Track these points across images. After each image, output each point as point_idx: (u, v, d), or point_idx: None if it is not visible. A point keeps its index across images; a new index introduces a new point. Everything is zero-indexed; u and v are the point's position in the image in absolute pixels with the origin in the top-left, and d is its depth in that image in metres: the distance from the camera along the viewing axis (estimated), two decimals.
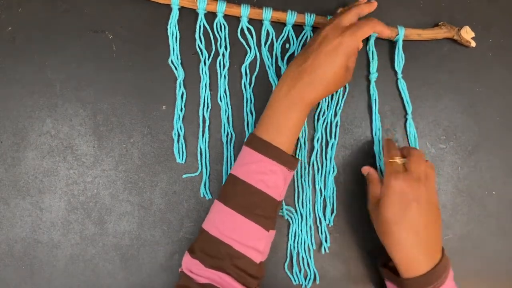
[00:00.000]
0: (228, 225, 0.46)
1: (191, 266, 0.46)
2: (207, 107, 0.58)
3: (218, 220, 0.47)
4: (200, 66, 0.58)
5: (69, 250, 0.56)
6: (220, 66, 0.58)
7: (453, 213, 0.60)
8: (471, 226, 0.60)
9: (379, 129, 0.59)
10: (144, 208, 0.57)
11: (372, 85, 0.59)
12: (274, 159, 0.47)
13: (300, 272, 0.58)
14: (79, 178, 0.57)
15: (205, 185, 0.57)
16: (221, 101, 0.58)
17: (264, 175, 0.47)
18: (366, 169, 0.55)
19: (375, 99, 0.59)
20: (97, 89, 0.58)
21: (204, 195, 0.57)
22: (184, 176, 0.58)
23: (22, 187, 0.56)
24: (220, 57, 0.58)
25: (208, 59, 0.58)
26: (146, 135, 0.58)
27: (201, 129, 0.58)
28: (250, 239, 0.46)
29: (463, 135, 0.61)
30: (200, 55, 0.58)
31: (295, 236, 0.58)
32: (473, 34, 0.59)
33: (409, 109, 0.59)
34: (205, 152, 0.58)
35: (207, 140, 0.58)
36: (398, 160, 0.50)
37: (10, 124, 0.57)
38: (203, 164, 0.57)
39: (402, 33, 0.58)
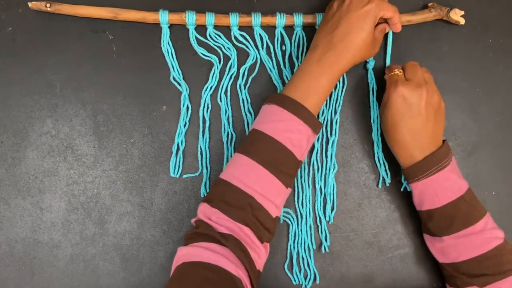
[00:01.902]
0: (252, 178, 0.47)
1: (211, 214, 0.46)
2: (207, 108, 0.58)
3: (241, 172, 0.48)
4: (213, 70, 0.58)
5: (69, 250, 0.56)
6: (229, 68, 0.58)
7: None
8: None
9: (377, 117, 0.59)
10: (145, 208, 0.57)
11: (370, 72, 0.59)
12: (302, 119, 0.49)
13: (300, 272, 0.58)
14: (80, 178, 0.57)
15: (205, 185, 0.57)
16: (221, 101, 0.58)
17: (291, 133, 0.48)
18: (392, 67, 0.56)
19: (373, 87, 0.59)
20: (97, 89, 0.58)
21: (204, 195, 0.57)
22: (184, 176, 0.58)
23: (22, 187, 0.57)
24: (232, 60, 0.58)
25: (219, 62, 0.58)
26: (146, 135, 0.58)
27: (201, 129, 0.58)
28: (272, 193, 0.48)
29: (463, 135, 0.61)
30: (212, 60, 0.58)
31: (295, 237, 0.58)
32: (462, 12, 0.59)
33: None
34: (205, 152, 0.58)
35: (207, 140, 0.58)
36: (397, 71, 0.54)
37: (11, 124, 0.57)
38: (203, 164, 0.57)
39: None
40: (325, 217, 0.58)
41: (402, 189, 0.59)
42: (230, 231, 0.45)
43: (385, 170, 0.59)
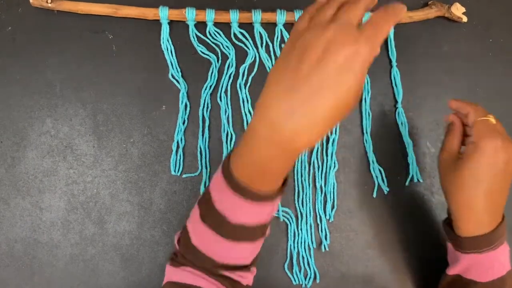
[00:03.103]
0: (221, 252, 0.41)
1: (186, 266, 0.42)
2: (207, 107, 0.58)
3: (215, 248, 0.41)
4: (211, 69, 0.58)
5: (69, 250, 0.56)
6: (227, 67, 0.58)
7: None
8: None
9: (369, 126, 0.59)
10: (144, 208, 0.57)
11: (367, 79, 0.60)
12: (270, 203, 0.38)
13: (300, 271, 0.58)
14: (79, 178, 0.57)
15: (205, 184, 0.57)
16: (221, 101, 0.58)
17: (261, 215, 0.39)
18: (451, 117, 0.50)
19: (368, 90, 0.59)
20: (97, 89, 0.58)
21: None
22: (184, 176, 0.58)
23: (22, 187, 0.57)
24: (230, 59, 0.58)
25: (218, 61, 0.58)
26: (146, 135, 0.58)
27: (201, 129, 0.58)
28: (247, 257, 0.43)
29: None
30: (210, 58, 0.58)
31: (294, 236, 0.58)
32: (463, 9, 0.59)
33: (399, 99, 0.59)
34: (205, 152, 0.58)
35: (206, 139, 0.58)
36: (492, 119, 0.46)
37: (10, 124, 0.57)
38: (203, 163, 0.57)
39: None
40: (325, 215, 0.58)
41: (407, 183, 0.59)
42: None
43: (382, 178, 0.59)
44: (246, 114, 0.58)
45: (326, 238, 0.58)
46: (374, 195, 0.59)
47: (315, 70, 0.31)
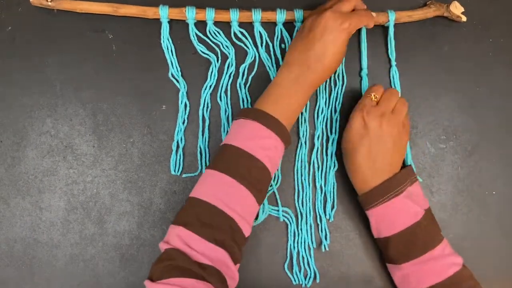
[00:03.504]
0: (234, 199, 0.46)
1: (190, 240, 0.43)
2: (207, 107, 0.58)
3: (221, 191, 0.46)
4: (211, 69, 0.58)
5: (68, 250, 0.56)
6: (227, 67, 0.58)
7: (453, 213, 0.60)
8: (471, 226, 0.60)
9: None
10: (144, 208, 0.57)
11: (364, 79, 0.59)
12: (280, 137, 0.49)
13: (300, 271, 0.57)
14: (79, 177, 0.57)
15: None
16: (221, 100, 0.58)
17: (269, 151, 0.48)
18: (371, 89, 0.56)
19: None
20: (97, 89, 0.58)
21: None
22: (184, 175, 0.57)
23: (22, 186, 0.56)
24: (230, 59, 0.58)
25: (217, 61, 0.58)
26: (146, 135, 0.58)
27: (201, 128, 0.58)
28: (250, 214, 0.47)
29: (463, 135, 0.61)
30: (210, 58, 0.58)
31: (294, 236, 0.58)
32: (462, 9, 0.59)
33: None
34: (205, 152, 0.57)
35: (206, 139, 0.58)
36: (372, 96, 0.54)
37: (10, 124, 0.57)
38: (203, 163, 0.57)
39: (393, 18, 0.58)
40: (325, 215, 0.58)
41: None
42: (209, 259, 0.43)
43: None
44: None
45: (326, 238, 0.58)
46: None
47: (319, 39, 0.50)
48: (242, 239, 0.46)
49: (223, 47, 0.58)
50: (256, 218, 0.56)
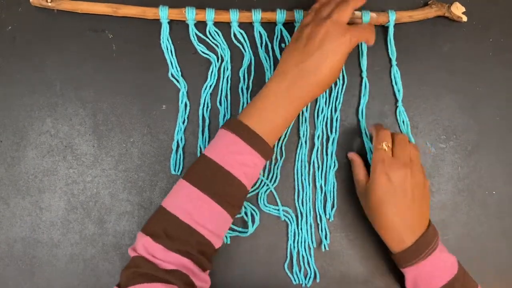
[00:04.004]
0: (204, 215, 0.45)
1: (154, 251, 0.43)
2: (207, 107, 0.58)
3: (192, 206, 0.45)
4: (211, 68, 0.58)
5: (69, 249, 0.56)
6: (223, 70, 0.58)
7: (453, 213, 0.60)
8: (471, 226, 0.60)
9: (363, 112, 0.59)
10: (144, 208, 0.57)
11: (364, 79, 0.59)
12: (261, 154, 0.47)
13: (300, 271, 0.57)
14: (79, 177, 0.57)
15: None
16: (220, 105, 0.58)
17: (247, 167, 0.47)
18: (351, 155, 0.57)
19: (366, 98, 0.59)
20: (97, 89, 0.58)
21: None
22: None
23: (22, 186, 0.56)
24: (225, 62, 0.58)
25: (218, 61, 0.58)
26: (146, 135, 0.58)
27: (200, 128, 0.58)
28: (221, 228, 0.47)
29: (463, 135, 0.61)
30: (210, 58, 0.58)
31: (294, 236, 0.58)
32: (463, 9, 0.59)
33: (400, 97, 0.59)
34: None
35: (206, 139, 0.58)
36: (385, 145, 0.52)
37: (10, 124, 0.57)
38: None
39: (393, 18, 0.58)
40: (325, 215, 0.58)
41: None
42: (174, 265, 0.43)
43: None
44: None
45: (326, 238, 0.58)
46: None
47: (317, 50, 0.47)
48: (211, 250, 0.46)
49: (220, 49, 0.58)
50: (248, 226, 0.56)
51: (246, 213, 0.57)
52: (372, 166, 0.52)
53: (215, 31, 0.58)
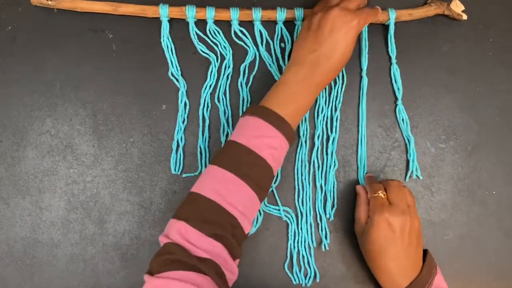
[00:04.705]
0: (235, 196, 0.45)
1: (190, 236, 0.43)
2: (207, 107, 0.58)
3: (224, 188, 0.46)
4: (210, 68, 0.58)
5: (69, 249, 0.56)
6: (224, 68, 0.58)
7: (453, 213, 0.60)
8: (471, 226, 0.60)
9: (363, 108, 0.59)
10: (144, 208, 0.57)
11: (364, 78, 0.59)
12: (286, 136, 0.48)
13: (300, 271, 0.57)
14: (79, 177, 0.57)
15: None
16: (219, 102, 0.58)
17: (274, 149, 0.48)
18: (359, 188, 0.57)
19: (364, 97, 0.59)
20: (97, 89, 0.58)
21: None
22: (184, 175, 0.57)
23: (22, 186, 0.56)
24: (227, 60, 0.58)
25: (217, 61, 0.58)
26: (146, 135, 0.58)
27: (201, 128, 0.58)
28: (251, 211, 0.47)
29: (463, 135, 0.61)
30: (210, 58, 0.58)
31: (295, 236, 0.58)
32: (463, 7, 0.59)
33: (399, 95, 0.59)
34: (205, 152, 0.57)
35: (206, 139, 0.58)
36: (381, 194, 0.53)
37: (10, 124, 0.57)
38: (203, 163, 0.57)
39: (393, 16, 0.58)
40: (325, 214, 0.58)
41: (407, 179, 0.59)
42: (208, 253, 0.43)
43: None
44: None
45: (326, 237, 0.58)
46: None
47: (329, 37, 0.49)
48: (242, 236, 0.46)
49: (221, 47, 0.58)
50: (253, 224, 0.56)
51: None
52: (371, 210, 0.53)
53: (215, 29, 0.58)
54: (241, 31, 0.58)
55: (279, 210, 0.57)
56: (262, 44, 0.59)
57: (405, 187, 0.55)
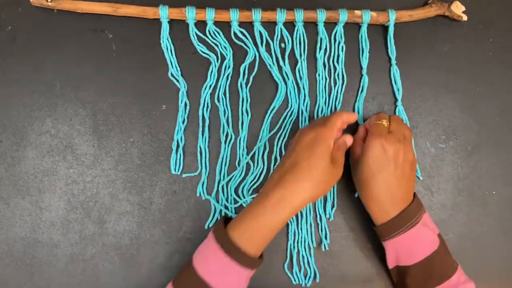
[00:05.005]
0: None
1: None
2: (207, 107, 0.58)
3: None
4: (210, 68, 0.58)
5: (68, 249, 0.56)
6: (225, 68, 0.58)
7: (453, 213, 0.60)
8: (471, 226, 0.60)
9: (361, 108, 0.59)
10: (144, 208, 0.57)
11: (364, 78, 0.59)
12: (251, 268, 0.48)
13: (300, 271, 0.57)
14: (79, 177, 0.57)
15: (202, 184, 0.57)
16: (219, 102, 0.58)
17: (234, 285, 0.47)
18: (360, 127, 0.57)
19: (364, 94, 0.59)
20: (97, 89, 0.58)
21: (200, 194, 0.57)
22: (184, 175, 0.57)
23: (21, 186, 0.56)
24: (227, 60, 0.58)
25: (217, 61, 0.58)
26: (146, 135, 0.58)
27: (200, 128, 0.58)
28: None
29: (463, 135, 0.61)
30: (210, 58, 0.58)
31: (294, 235, 0.58)
32: (463, 8, 0.59)
33: (399, 96, 0.59)
34: (205, 152, 0.57)
35: (206, 139, 0.58)
36: (385, 122, 0.54)
37: (10, 124, 0.57)
38: (203, 163, 0.57)
39: (393, 17, 0.58)
40: (325, 215, 0.58)
41: None
42: None
43: None
44: (243, 114, 0.58)
45: (326, 238, 0.58)
46: None
47: (295, 151, 0.49)
48: None
49: (221, 48, 0.58)
50: None
51: None
52: (369, 137, 0.53)
53: (215, 30, 0.58)
54: (241, 32, 0.58)
55: None
56: (262, 45, 0.59)
57: (405, 124, 0.56)
